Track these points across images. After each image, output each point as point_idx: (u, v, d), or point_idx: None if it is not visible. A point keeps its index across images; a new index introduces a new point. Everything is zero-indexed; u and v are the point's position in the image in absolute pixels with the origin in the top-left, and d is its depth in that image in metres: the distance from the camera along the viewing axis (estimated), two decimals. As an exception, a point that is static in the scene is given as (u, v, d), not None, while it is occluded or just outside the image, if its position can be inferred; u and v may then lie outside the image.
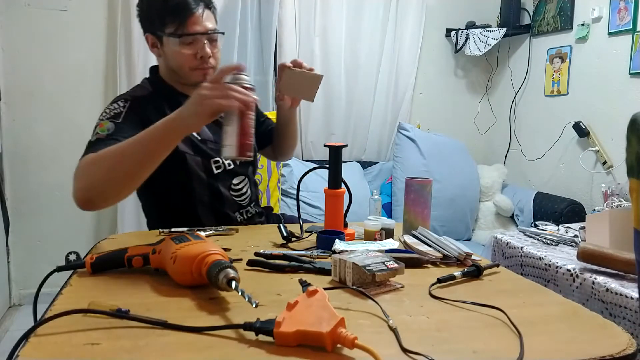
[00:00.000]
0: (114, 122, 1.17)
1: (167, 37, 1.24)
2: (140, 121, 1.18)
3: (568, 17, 2.62)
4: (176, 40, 1.23)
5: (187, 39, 1.23)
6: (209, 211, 1.34)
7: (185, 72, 1.28)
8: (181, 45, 1.24)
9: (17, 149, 2.49)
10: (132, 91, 1.33)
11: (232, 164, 1.37)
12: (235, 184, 1.38)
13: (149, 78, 1.37)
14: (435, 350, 0.63)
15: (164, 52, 1.28)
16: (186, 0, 1.22)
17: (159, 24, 1.25)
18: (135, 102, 1.25)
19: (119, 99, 1.26)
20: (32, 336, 0.64)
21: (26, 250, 2.55)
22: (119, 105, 1.23)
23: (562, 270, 1.32)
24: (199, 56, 1.25)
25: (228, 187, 1.37)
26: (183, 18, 1.22)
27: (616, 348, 0.65)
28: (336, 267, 0.88)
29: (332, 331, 0.61)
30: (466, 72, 3.18)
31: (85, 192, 1.03)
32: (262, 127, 1.55)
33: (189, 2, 1.22)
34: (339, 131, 2.91)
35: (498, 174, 2.84)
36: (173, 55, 1.26)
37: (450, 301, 0.80)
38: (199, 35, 1.24)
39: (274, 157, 1.66)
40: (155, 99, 1.29)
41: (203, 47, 1.25)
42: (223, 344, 0.64)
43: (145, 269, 0.89)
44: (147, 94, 1.30)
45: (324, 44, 2.81)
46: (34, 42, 2.45)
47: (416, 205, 1.16)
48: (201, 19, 1.24)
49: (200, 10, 1.24)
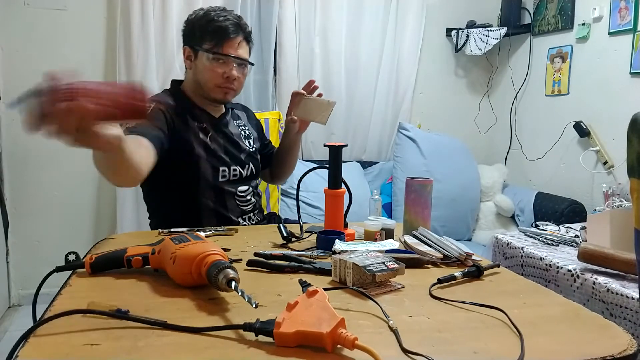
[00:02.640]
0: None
1: (202, 52, 1.37)
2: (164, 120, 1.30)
3: (569, 17, 2.62)
4: (210, 56, 1.36)
5: (219, 58, 1.36)
6: (212, 214, 1.39)
7: (209, 87, 1.39)
8: (213, 62, 1.36)
9: (17, 150, 2.49)
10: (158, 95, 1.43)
11: (237, 174, 1.44)
12: (241, 191, 1.45)
13: (170, 89, 1.47)
14: (436, 351, 0.63)
15: (196, 65, 1.39)
16: (228, 26, 1.36)
17: (199, 40, 1.37)
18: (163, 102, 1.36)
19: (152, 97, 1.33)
20: (32, 337, 0.64)
21: (25, 251, 2.55)
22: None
23: (563, 270, 1.32)
24: (225, 76, 1.37)
25: (233, 193, 1.43)
26: (221, 40, 1.35)
27: (617, 348, 0.65)
28: (336, 267, 0.87)
29: (332, 332, 0.60)
30: (467, 71, 3.18)
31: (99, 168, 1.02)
32: (264, 150, 1.63)
33: (229, 28, 1.36)
34: (339, 131, 2.90)
35: (499, 174, 2.84)
36: (203, 70, 1.38)
37: (451, 302, 0.80)
38: (231, 58, 1.36)
39: (270, 179, 1.72)
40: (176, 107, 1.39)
41: (231, 69, 1.37)
42: (223, 344, 0.64)
43: (145, 270, 0.89)
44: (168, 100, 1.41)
45: (324, 43, 2.81)
46: (33, 41, 2.45)
47: (416, 205, 1.16)
48: (236, 46, 1.38)
49: (239, 39, 1.38)
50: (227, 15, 1.38)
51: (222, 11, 1.39)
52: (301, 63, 2.78)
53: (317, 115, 1.40)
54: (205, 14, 1.38)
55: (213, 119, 1.45)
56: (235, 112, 1.57)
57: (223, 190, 1.40)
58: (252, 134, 1.57)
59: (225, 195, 1.40)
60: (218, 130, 1.44)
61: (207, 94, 1.40)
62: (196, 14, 1.40)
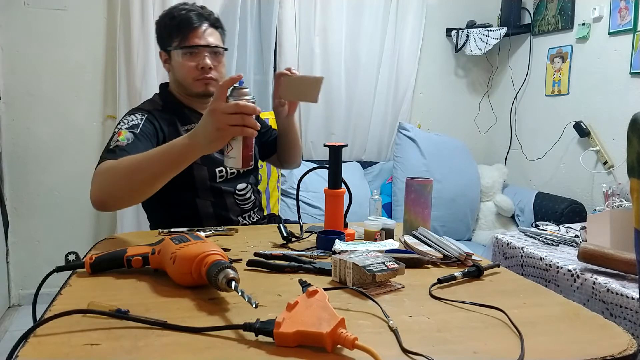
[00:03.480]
0: (133, 133, 1.24)
1: (173, 50, 1.35)
2: (155, 133, 1.30)
3: (569, 17, 2.62)
4: (179, 52, 1.34)
5: (188, 51, 1.33)
6: (211, 216, 1.38)
7: (189, 82, 1.36)
8: (184, 57, 1.34)
9: (17, 149, 2.49)
10: (146, 104, 1.41)
11: (235, 172, 1.42)
12: (239, 189, 1.43)
13: (159, 93, 1.46)
14: (436, 351, 0.63)
15: (172, 65, 1.38)
16: (190, 16, 1.33)
17: (168, 40, 1.36)
18: (151, 114, 1.34)
19: (137, 111, 1.34)
20: (32, 336, 0.64)
21: (25, 251, 2.55)
22: (137, 117, 1.30)
23: (563, 270, 1.32)
24: (200, 67, 1.34)
25: (232, 192, 1.41)
26: (186, 32, 1.33)
27: (617, 348, 0.65)
28: (336, 267, 0.87)
29: (332, 332, 0.60)
30: (467, 71, 3.18)
31: (101, 195, 1.10)
32: (265, 137, 1.61)
33: (192, 18, 1.33)
34: (339, 131, 2.90)
35: (499, 174, 2.84)
36: (178, 68, 1.36)
37: (451, 302, 0.80)
38: (200, 48, 1.33)
39: (281, 165, 1.69)
40: (167, 112, 1.38)
41: (203, 59, 1.34)
42: (223, 344, 0.63)
43: (145, 270, 0.89)
44: (160, 108, 1.39)
45: (324, 43, 2.81)
46: (33, 41, 2.45)
47: (416, 205, 1.16)
48: (203, 34, 1.34)
49: (204, 27, 1.35)
50: (188, 7, 1.36)
51: (183, 5, 1.37)
52: (301, 63, 2.77)
53: (307, 94, 1.28)
54: (168, 13, 1.37)
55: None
56: None
57: (221, 190, 1.39)
58: None
59: (223, 195, 1.40)
60: None
61: (189, 90, 1.38)
62: (161, 16, 1.39)
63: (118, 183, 1.08)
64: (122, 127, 1.25)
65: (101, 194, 1.10)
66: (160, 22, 1.39)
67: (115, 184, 1.09)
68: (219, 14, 1.48)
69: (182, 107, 1.41)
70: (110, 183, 1.09)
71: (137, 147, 1.19)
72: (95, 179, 1.12)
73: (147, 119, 1.30)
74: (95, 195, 1.10)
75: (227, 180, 1.41)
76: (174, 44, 1.35)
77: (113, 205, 1.16)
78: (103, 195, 1.10)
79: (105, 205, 1.12)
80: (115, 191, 1.10)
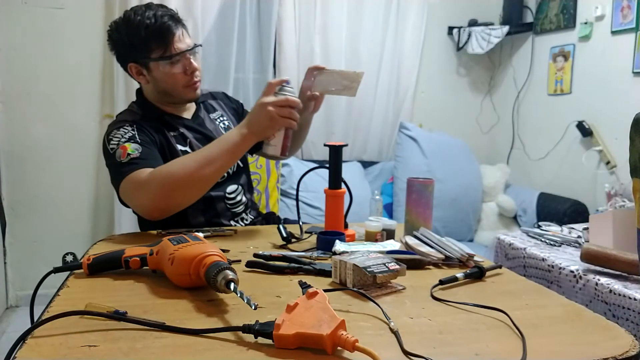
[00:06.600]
0: (137, 143, 1.23)
1: (155, 62, 1.28)
2: (150, 140, 1.28)
3: (571, 15, 2.61)
4: (166, 62, 1.28)
5: (176, 59, 1.29)
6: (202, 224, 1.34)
7: (179, 90, 1.33)
8: (171, 65, 1.29)
9: (14, 149, 2.48)
10: (127, 115, 1.35)
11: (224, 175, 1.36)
12: (229, 192, 1.40)
13: (136, 101, 1.41)
14: (437, 353, 0.62)
15: (153, 77, 1.31)
16: (167, 23, 1.27)
17: (143, 52, 1.28)
18: (137, 124, 1.30)
19: (123, 124, 1.29)
20: (29, 338, 0.63)
21: (23, 251, 2.54)
22: (127, 129, 1.27)
23: (565, 271, 1.31)
24: (189, 72, 1.31)
25: (222, 197, 1.39)
26: (167, 41, 1.27)
27: (619, 350, 0.65)
28: (336, 268, 0.87)
29: (333, 333, 0.60)
30: (468, 70, 3.17)
31: (159, 201, 1.15)
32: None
33: (170, 25, 1.27)
34: (339, 130, 2.90)
35: (501, 174, 2.83)
36: (164, 78, 1.30)
37: (452, 303, 0.80)
38: (186, 53, 1.30)
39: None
40: (147, 120, 1.34)
41: (191, 63, 1.31)
42: (222, 346, 0.63)
43: (143, 271, 0.89)
44: (139, 118, 1.34)
45: (324, 42, 2.80)
46: (30, 40, 2.44)
47: (418, 205, 1.15)
48: (182, 37, 1.30)
49: (180, 30, 1.30)
50: (155, 13, 1.26)
51: (145, 11, 1.26)
52: (301, 62, 2.77)
53: (345, 88, 1.29)
54: (132, 24, 1.26)
55: (186, 122, 1.39)
56: (208, 104, 1.50)
57: (211, 198, 1.35)
58: (233, 122, 1.50)
59: (214, 201, 1.36)
60: (195, 132, 1.37)
61: (178, 98, 1.35)
62: (119, 29, 1.28)
63: (181, 186, 1.13)
64: (121, 141, 1.23)
65: (160, 201, 1.14)
66: (127, 35, 1.27)
67: (177, 188, 1.14)
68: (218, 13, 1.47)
69: (162, 115, 1.36)
70: (171, 189, 1.13)
71: (153, 155, 1.22)
72: (142, 190, 1.15)
73: (138, 129, 1.27)
74: (153, 203, 1.15)
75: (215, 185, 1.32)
76: (155, 55, 1.27)
77: (173, 209, 1.19)
78: (161, 201, 1.14)
79: (164, 211, 1.17)
80: (177, 196, 1.15)
